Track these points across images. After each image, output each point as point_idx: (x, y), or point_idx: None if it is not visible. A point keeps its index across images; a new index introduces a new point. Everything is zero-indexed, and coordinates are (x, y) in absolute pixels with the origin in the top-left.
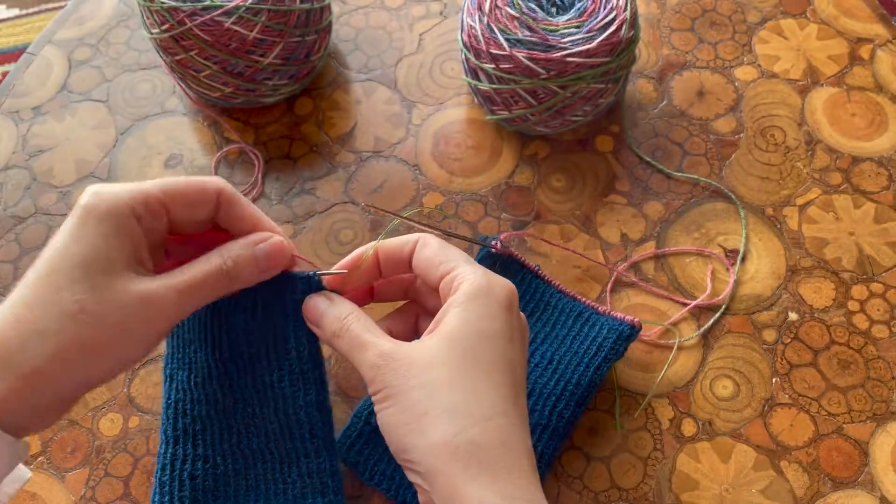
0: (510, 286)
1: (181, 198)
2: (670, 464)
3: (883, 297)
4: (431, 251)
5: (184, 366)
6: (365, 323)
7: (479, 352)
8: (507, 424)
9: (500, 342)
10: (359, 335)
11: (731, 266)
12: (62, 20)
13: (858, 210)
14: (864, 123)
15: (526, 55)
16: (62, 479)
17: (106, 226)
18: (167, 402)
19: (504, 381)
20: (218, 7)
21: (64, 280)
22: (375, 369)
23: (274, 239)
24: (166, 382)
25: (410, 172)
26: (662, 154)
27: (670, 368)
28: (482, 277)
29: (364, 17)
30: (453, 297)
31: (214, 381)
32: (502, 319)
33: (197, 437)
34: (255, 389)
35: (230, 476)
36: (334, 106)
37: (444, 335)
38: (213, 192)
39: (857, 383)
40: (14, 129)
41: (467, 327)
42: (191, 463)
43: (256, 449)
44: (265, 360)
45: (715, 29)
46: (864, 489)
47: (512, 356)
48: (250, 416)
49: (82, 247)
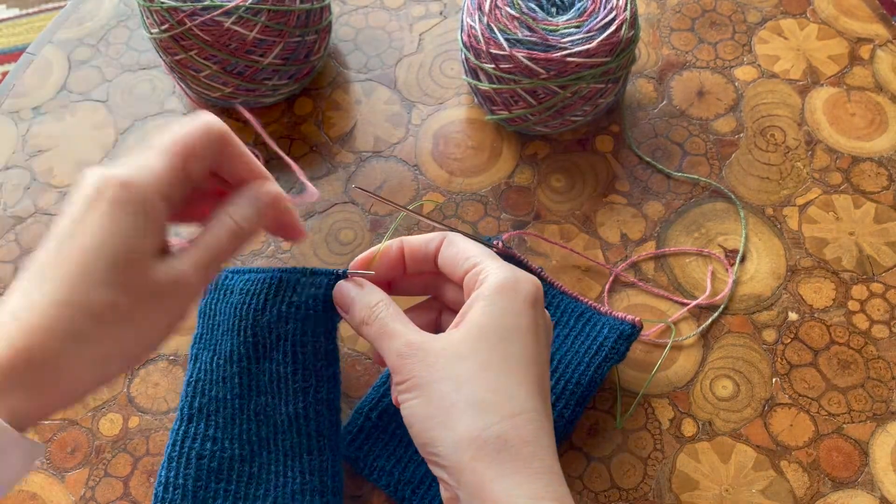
0: (536, 282)
1: (197, 153)
2: (670, 464)
3: (883, 297)
4: (457, 248)
5: (209, 347)
6: (394, 312)
7: (506, 346)
8: (535, 420)
9: (527, 338)
10: (387, 324)
11: (730, 266)
12: (62, 20)
13: (858, 210)
14: (864, 123)
15: (526, 55)
16: (62, 480)
17: (140, 219)
18: (188, 380)
19: (531, 376)
20: (218, 7)
21: (99, 280)
22: (402, 359)
23: (271, 187)
24: (191, 361)
25: (410, 172)
26: (662, 154)
27: (670, 369)
28: (508, 272)
29: (364, 17)
30: (478, 290)
31: (235, 366)
32: (528, 315)
33: (210, 418)
34: (269, 380)
35: (235, 461)
36: (334, 106)
37: (471, 328)
38: (218, 133)
39: (857, 383)
40: (14, 129)
41: (494, 321)
42: (200, 442)
43: (264, 438)
44: (282, 353)
45: (715, 29)
46: (864, 489)
47: (537, 352)
48: (262, 405)
49: (116, 244)
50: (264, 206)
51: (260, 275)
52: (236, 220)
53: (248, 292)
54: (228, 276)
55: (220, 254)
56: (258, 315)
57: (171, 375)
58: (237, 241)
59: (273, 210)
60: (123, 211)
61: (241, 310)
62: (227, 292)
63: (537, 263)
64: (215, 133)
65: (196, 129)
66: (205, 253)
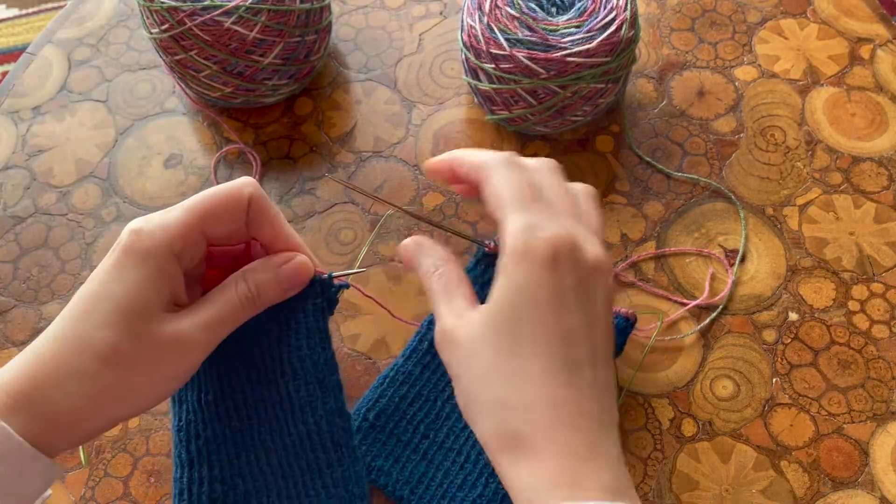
0: (552, 237)
1: (218, 216)
2: (670, 464)
3: (883, 297)
4: (489, 191)
5: (193, 387)
6: (446, 284)
7: (519, 328)
8: (552, 407)
9: (544, 311)
10: (435, 300)
11: (729, 266)
12: (62, 20)
13: (859, 210)
14: (865, 123)
15: (526, 55)
16: (62, 480)
17: (145, 269)
18: (178, 425)
19: (550, 356)
20: (218, 7)
21: (101, 322)
22: (439, 347)
23: (297, 259)
24: (175, 405)
25: (410, 172)
26: (662, 154)
27: (670, 368)
28: (519, 235)
29: (364, 17)
30: (499, 259)
31: (227, 399)
32: (546, 284)
33: (212, 458)
34: (270, 403)
35: (251, 494)
36: (334, 106)
37: (489, 311)
38: (245, 197)
39: (857, 383)
40: (14, 129)
41: (508, 299)
42: (208, 485)
43: (276, 464)
44: (279, 372)
45: (715, 29)
46: (865, 489)
47: (565, 322)
48: (267, 431)
49: (121, 289)
50: (285, 275)
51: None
52: (248, 285)
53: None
54: None
55: (229, 316)
56: (239, 344)
57: None
58: (250, 305)
59: (295, 281)
60: (130, 259)
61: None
62: None
63: None
64: (242, 197)
65: (223, 190)
66: (212, 314)
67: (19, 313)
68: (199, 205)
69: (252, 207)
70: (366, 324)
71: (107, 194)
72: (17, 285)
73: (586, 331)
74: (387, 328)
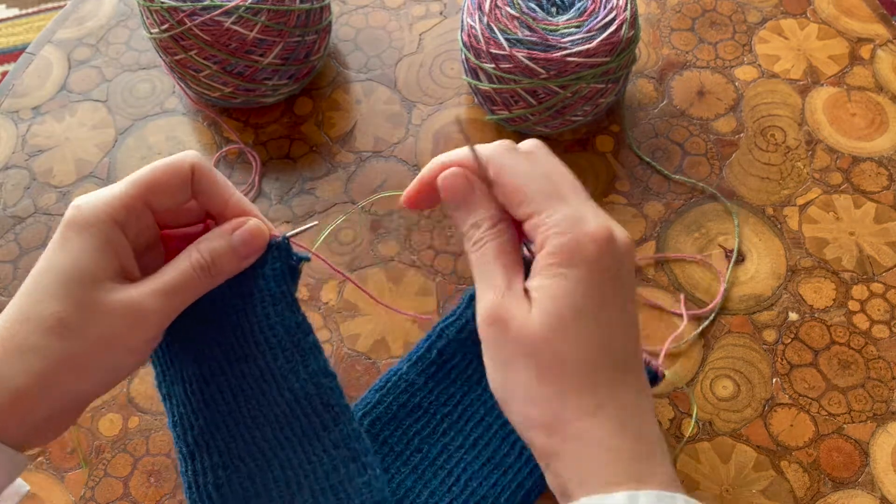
0: (601, 234)
1: (160, 187)
2: None
3: (883, 297)
4: (509, 185)
5: (177, 380)
6: (502, 245)
7: (562, 347)
8: (590, 428)
9: (597, 311)
10: (485, 266)
11: (723, 274)
12: (62, 20)
13: (859, 210)
14: (865, 123)
15: (526, 55)
16: (62, 480)
17: (87, 239)
18: (172, 421)
19: (603, 355)
20: (218, 7)
21: (44, 295)
22: (484, 326)
23: (249, 224)
24: (166, 402)
25: (410, 172)
26: (663, 154)
27: (671, 369)
28: (567, 235)
29: (364, 17)
30: (540, 256)
31: (210, 384)
32: (595, 284)
33: (210, 446)
34: (251, 379)
35: (255, 473)
36: (334, 106)
37: (543, 311)
38: (187, 169)
39: (857, 383)
40: (14, 129)
41: (554, 308)
42: (211, 473)
43: (272, 438)
44: (252, 344)
45: (715, 29)
46: (865, 489)
47: (612, 318)
48: (255, 406)
49: (63, 261)
50: (239, 240)
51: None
52: (202, 253)
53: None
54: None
55: (182, 285)
56: (209, 325)
57: None
58: (205, 274)
59: (251, 246)
60: (73, 231)
61: (191, 323)
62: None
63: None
64: (184, 168)
65: (164, 161)
66: (165, 281)
67: None
68: (140, 176)
69: (196, 178)
70: (366, 324)
71: None
72: (17, 285)
73: (628, 320)
74: (387, 328)
